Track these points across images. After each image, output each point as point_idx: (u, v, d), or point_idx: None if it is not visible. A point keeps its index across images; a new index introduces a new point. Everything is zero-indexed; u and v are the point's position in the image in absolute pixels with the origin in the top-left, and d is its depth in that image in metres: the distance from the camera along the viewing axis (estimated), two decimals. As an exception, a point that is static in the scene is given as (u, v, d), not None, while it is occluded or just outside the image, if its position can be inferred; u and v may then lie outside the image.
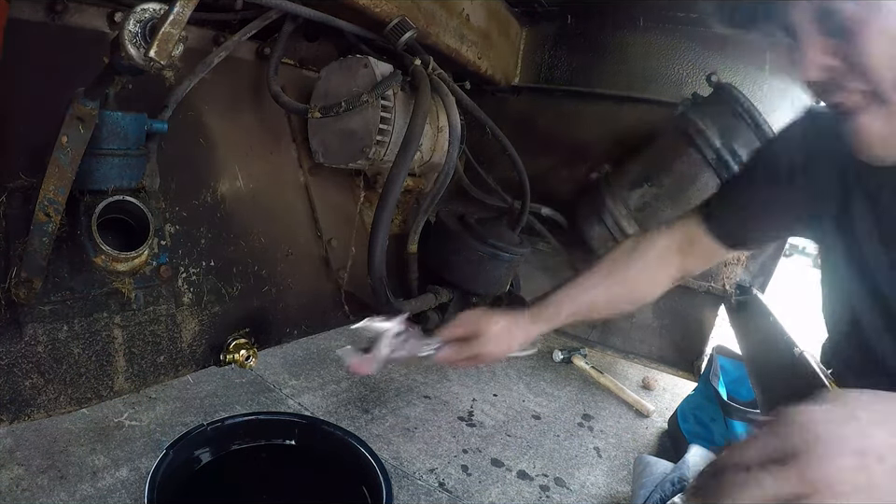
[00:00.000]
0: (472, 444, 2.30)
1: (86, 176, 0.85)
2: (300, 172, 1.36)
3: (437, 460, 2.18)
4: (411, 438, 2.28)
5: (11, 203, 0.86)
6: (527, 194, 1.53)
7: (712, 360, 2.42)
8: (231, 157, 1.20)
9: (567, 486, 2.14)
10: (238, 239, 1.17)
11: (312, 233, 1.35)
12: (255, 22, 1.12)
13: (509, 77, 1.83)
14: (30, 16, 0.92)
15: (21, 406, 0.85)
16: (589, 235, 1.69)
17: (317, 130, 1.33)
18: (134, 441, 2.01)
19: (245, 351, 1.08)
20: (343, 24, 1.18)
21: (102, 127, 0.83)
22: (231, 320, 1.12)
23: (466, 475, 2.12)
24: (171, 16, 0.54)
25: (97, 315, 0.93)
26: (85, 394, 0.92)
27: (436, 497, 1.96)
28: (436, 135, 1.37)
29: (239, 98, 1.25)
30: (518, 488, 2.11)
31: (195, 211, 1.11)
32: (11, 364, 0.84)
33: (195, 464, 1.47)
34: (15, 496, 1.69)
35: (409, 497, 1.93)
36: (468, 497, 1.99)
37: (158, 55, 0.55)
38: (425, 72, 1.24)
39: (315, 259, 1.35)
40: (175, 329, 1.03)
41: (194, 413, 2.21)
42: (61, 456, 1.87)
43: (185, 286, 1.05)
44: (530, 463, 2.24)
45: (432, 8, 1.28)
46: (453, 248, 1.42)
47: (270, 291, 1.21)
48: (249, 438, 1.57)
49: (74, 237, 0.90)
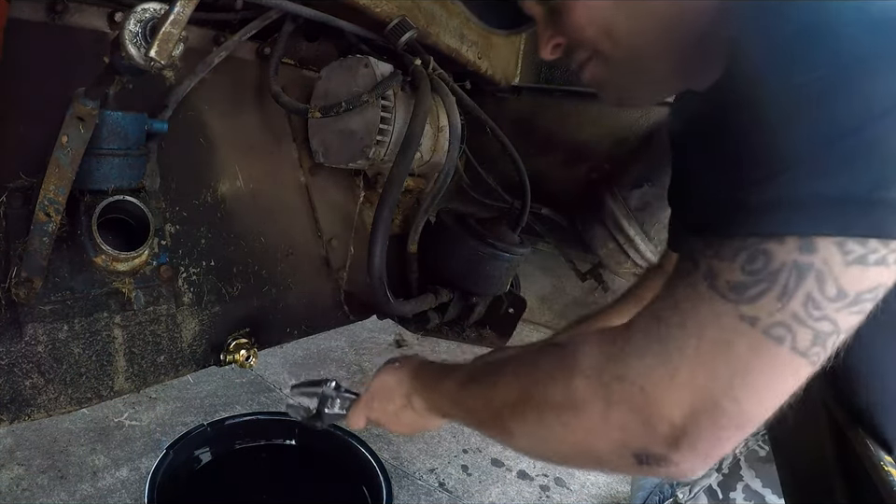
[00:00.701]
0: (472, 444, 2.30)
1: (86, 176, 0.85)
2: (300, 172, 1.36)
3: (437, 460, 2.18)
4: (411, 438, 2.28)
5: (11, 202, 0.86)
6: (527, 194, 1.53)
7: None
8: (231, 157, 1.20)
9: (567, 486, 2.14)
10: (238, 239, 1.17)
11: (312, 233, 1.35)
12: (255, 22, 1.12)
13: (509, 77, 1.83)
14: (30, 16, 0.92)
15: (22, 406, 0.85)
16: (589, 235, 1.69)
17: (318, 130, 1.33)
18: (134, 441, 2.01)
19: (245, 351, 1.08)
20: (343, 24, 1.17)
21: (102, 127, 0.83)
22: (231, 320, 1.12)
23: (466, 475, 2.12)
24: (171, 16, 0.54)
25: (97, 315, 0.93)
26: (85, 394, 0.92)
27: (436, 497, 1.96)
28: (436, 135, 1.36)
29: (239, 98, 1.25)
30: (518, 488, 2.11)
31: (195, 211, 1.11)
32: (11, 364, 0.84)
33: (195, 464, 1.47)
34: (15, 495, 1.69)
35: (409, 497, 1.93)
36: (468, 496, 1.99)
37: (158, 55, 0.55)
38: (425, 72, 1.24)
39: (316, 259, 1.35)
40: (175, 328, 1.03)
41: (194, 413, 2.22)
42: (61, 456, 1.88)
43: (185, 285, 1.05)
44: (530, 463, 2.24)
45: (432, 8, 1.28)
46: (453, 248, 1.42)
47: (270, 291, 1.21)
48: (249, 438, 1.57)
49: (74, 237, 0.90)
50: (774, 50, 0.48)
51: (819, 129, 0.45)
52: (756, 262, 0.46)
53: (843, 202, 0.44)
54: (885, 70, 0.43)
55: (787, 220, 0.46)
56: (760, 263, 0.46)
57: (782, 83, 0.47)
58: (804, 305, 0.45)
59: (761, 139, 0.49)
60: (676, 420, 0.48)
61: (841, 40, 0.45)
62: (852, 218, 0.44)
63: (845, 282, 0.45)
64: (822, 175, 0.44)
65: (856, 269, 0.45)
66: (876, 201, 0.44)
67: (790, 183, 0.45)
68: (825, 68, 0.45)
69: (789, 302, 0.45)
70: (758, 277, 0.46)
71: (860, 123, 0.43)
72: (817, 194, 0.45)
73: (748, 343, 0.46)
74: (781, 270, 0.46)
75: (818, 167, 0.45)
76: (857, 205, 0.44)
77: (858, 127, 0.43)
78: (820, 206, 0.45)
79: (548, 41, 0.72)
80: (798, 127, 0.46)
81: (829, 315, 0.46)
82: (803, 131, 0.46)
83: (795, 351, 0.46)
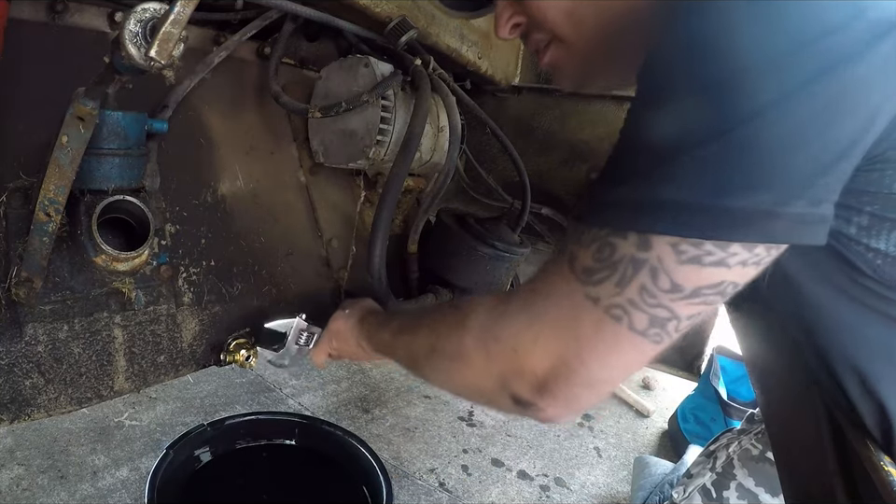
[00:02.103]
0: (472, 444, 2.30)
1: (86, 176, 0.85)
2: (300, 172, 1.36)
3: (437, 460, 2.18)
4: (411, 438, 2.28)
5: (11, 202, 0.86)
6: (528, 194, 1.53)
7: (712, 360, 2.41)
8: (231, 157, 1.20)
9: (568, 486, 2.14)
10: (238, 239, 1.17)
11: (312, 233, 1.35)
12: (255, 22, 1.12)
13: (509, 76, 1.83)
14: (30, 16, 0.92)
15: (22, 406, 0.85)
16: (589, 235, 1.69)
17: (318, 130, 1.33)
18: (135, 441, 2.01)
19: (245, 351, 1.08)
20: (343, 24, 1.17)
21: (102, 127, 0.83)
22: (231, 320, 1.12)
23: (466, 475, 2.12)
24: (171, 15, 0.54)
25: (97, 315, 0.93)
26: (85, 394, 0.92)
27: (436, 497, 1.96)
28: (436, 135, 1.36)
29: (239, 98, 1.25)
30: (518, 488, 2.11)
31: (195, 211, 1.11)
32: (11, 364, 0.84)
33: (195, 464, 1.47)
34: (15, 495, 1.69)
35: (409, 497, 1.93)
36: (468, 496, 1.99)
37: (158, 55, 0.55)
38: (425, 72, 1.24)
39: (316, 259, 1.35)
40: (175, 328, 1.03)
41: (194, 413, 2.22)
42: (61, 456, 1.88)
43: (185, 285, 1.05)
44: (530, 463, 2.24)
45: (432, 8, 1.28)
46: (453, 248, 1.42)
47: (270, 291, 1.21)
48: (249, 438, 1.58)
49: (74, 237, 0.90)
50: (660, 58, 0.52)
51: (673, 135, 0.49)
52: (603, 252, 0.53)
53: (681, 206, 0.48)
54: (754, 74, 0.46)
55: (630, 218, 0.51)
56: (606, 253, 0.53)
57: (654, 90, 0.52)
58: (639, 293, 0.52)
59: (625, 141, 0.55)
60: (539, 374, 0.57)
61: (723, 49, 0.47)
62: (687, 222, 0.49)
63: (678, 277, 0.51)
64: (668, 181, 0.49)
65: (690, 267, 0.50)
66: (712, 207, 0.48)
67: (639, 185, 0.51)
68: (693, 80, 0.48)
69: (625, 289, 0.52)
70: (603, 265, 0.53)
71: (724, 128, 0.47)
72: (658, 198, 0.49)
73: (591, 319, 0.54)
74: (621, 261, 0.52)
75: (666, 173, 0.49)
76: (693, 210, 0.48)
77: (722, 131, 0.47)
78: (659, 209, 0.49)
79: (507, 20, 0.73)
80: (653, 132, 0.50)
81: (663, 303, 0.52)
82: (657, 136, 0.50)
83: (633, 330, 0.53)
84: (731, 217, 0.47)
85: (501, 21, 0.73)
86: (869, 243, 0.57)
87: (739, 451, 1.31)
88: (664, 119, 0.50)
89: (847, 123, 0.47)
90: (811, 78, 0.45)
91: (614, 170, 0.55)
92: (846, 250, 0.59)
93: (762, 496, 1.25)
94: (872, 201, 0.55)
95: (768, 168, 0.47)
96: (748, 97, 0.46)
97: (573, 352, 0.55)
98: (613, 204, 0.53)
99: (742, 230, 0.48)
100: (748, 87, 0.46)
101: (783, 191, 0.47)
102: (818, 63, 0.45)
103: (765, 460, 1.26)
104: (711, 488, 1.34)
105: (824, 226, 0.51)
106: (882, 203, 0.55)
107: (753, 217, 0.47)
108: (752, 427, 1.33)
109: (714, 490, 1.33)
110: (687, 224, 0.49)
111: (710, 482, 1.34)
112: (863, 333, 0.63)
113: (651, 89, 0.53)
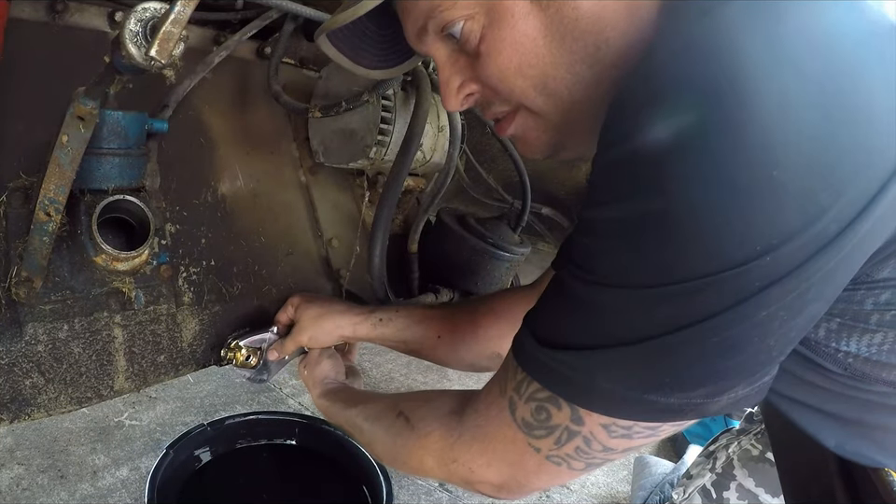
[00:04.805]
0: (472, 444, 2.29)
1: (86, 176, 0.85)
2: (300, 171, 1.36)
3: (437, 460, 2.17)
4: (411, 437, 2.27)
5: (11, 202, 0.86)
6: (527, 194, 1.53)
7: (712, 360, 2.40)
8: (231, 156, 1.20)
9: (567, 486, 2.14)
10: (238, 238, 1.17)
11: (312, 233, 1.35)
12: (255, 22, 1.12)
13: (509, 76, 1.83)
14: (30, 15, 0.92)
15: (22, 405, 0.85)
16: (589, 235, 1.69)
17: (318, 129, 1.33)
18: (135, 441, 2.01)
19: (245, 350, 1.08)
20: (343, 24, 1.17)
21: (102, 126, 0.83)
22: (231, 320, 1.12)
23: (466, 475, 2.11)
24: (172, 15, 0.53)
25: (97, 315, 0.93)
26: (85, 393, 0.92)
27: (436, 496, 1.96)
28: (436, 135, 1.36)
29: (239, 97, 1.25)
30: (518, 488, 2.10)
31: (196, 210, 1.11)
32: (11, 363, 0.84)
33: (195, 463, 1.47)
34: (15, 495, 1.69)
35: (409, 497, 1.93)
36: (468, 496, 1.99)
37: (159, 54, 0.55)
38: (425, 71, 1.24)
39: (316, 259, 1.35)
40: (175, 328, 1.03)
41: (194, 413, 2.22)
42: (61, 456, 1.87)
43: (185, 285, 1.05)
44: (530, 463, 2.23)
45: (432, 8, 1.28)
46: (453, 248, 1.42)
47: (270, 291, 1.20)
48: (250, 437, 1.57)
49: (74, 236, 0.90)
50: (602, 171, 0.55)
51: (613, 321, 0.50)
52: (541, 414, 0.57)
53: (614, 394, 0.51)
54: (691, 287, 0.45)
55: (565, 390, 0.54)
56: (543, 416, 0.57)
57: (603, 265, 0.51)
58: (575, 451, 0.57)
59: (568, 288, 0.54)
60: (494, 485, 0.65)
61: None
62: (619, 407, 0.52)
63: (611, 444, 0.55)
64: (605, 368, 0.51)
65: (620, 440, 0.54)
66: (644, 400, 0.50)
67: (575, 363, 0.52)
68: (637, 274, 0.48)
69: (562, 447, 0.57)
70: (541, 425, 0.57)
71: (661, 331, 0.47)
72: (594, 382, 0.51)
73: (534, 461, 0.60)
74: (556, 427, 0.56)
75: (602, 360, 0.51)
76: (628, 400, 0.51)
77: (660, 333, 0.47)
78: (594, 391, 0.52)
79: (458, 90, 0.63)
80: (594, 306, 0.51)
81: (598, 456, 0.57)
82: (600, 324, 0.51)
83: (573, 469, 0.59)
84: (664, 407, 0.50)
85: (449, 92, 0.63)
86: (839, 346, 0.56)
87: (739, 451, 1.31)
88: (604, 296, 0.50)
89: (794, 329, 0.48)
90: (756, 291, 0.43)
91: (554, 313, 0.57)
92: (813, 354, 0.58)
93: (762, 496, 1.25)
94: (843, 312, 0.55)
95: (704, 372, 0.48)
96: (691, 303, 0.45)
97: (521, 478, 0.62)
98: (550, 369, 0.54)
99: (675, 415, 0.51)
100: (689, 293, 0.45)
101: (718, 388, 0.49)
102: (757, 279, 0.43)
103: (765, 460, 1.26)
104: (711, 489, 1.34)
105: (763, 391, 0.52)
106: (852, 314, 0.54)
107: (686, 406, 0.50)
108: (752, 427, 1.33)
109: (714, 490, 1.33)
110: (619, 409, 0.52)
111: (710, 482, 1.34)
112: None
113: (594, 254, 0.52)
